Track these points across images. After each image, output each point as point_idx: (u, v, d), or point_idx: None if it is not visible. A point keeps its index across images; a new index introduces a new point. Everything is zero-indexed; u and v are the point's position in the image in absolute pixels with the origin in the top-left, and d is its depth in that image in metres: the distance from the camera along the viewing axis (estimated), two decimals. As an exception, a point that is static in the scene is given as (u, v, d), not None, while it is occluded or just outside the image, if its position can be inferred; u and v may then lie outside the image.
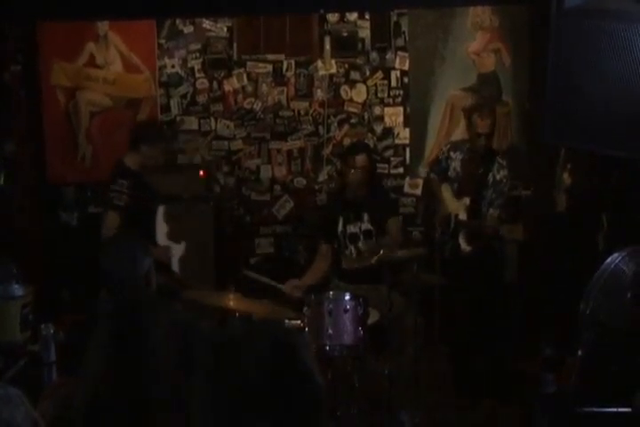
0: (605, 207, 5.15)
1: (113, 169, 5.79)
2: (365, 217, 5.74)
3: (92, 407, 2.01)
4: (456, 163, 5.90)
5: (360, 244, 5.73)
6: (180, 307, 2.31)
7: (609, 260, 2.82)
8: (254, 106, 7.06)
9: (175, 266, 5.88)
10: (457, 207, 5.76)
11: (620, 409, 2.53)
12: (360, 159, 5.68)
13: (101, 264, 3.62)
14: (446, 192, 5.89)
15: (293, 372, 1.60)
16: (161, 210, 6.00)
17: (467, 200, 5.74)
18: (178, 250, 5.99)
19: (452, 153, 5.94)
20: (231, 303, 4.64)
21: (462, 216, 5.73)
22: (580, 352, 2.75)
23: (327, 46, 7.00)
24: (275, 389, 1.57)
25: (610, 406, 2.56)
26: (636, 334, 2.60)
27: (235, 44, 7.01)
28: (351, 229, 5.75)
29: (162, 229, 5.97)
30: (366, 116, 7.06)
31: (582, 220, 5.56)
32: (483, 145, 5.74)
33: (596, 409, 2.58)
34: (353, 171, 5.67)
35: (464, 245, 5.67)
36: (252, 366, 1.57)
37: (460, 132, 6.66)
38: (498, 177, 5.77)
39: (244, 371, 1.57)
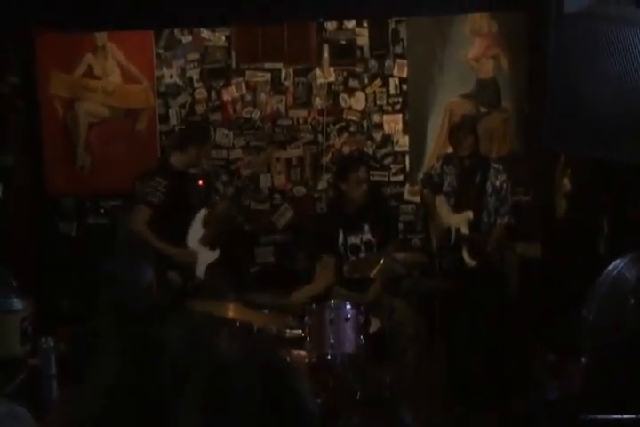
0: (606, 212, 5.13)
1: (156, 166, 5.91)
2: (366, 228, 5.68)
3: (107, 414, 1.98)
4: (451, 177, 5.84)
5: (362, 255, 5.68)
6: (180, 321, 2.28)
7: (611, 266, 2.80)
8: (253, 115, 7.05)
9: (201, 272, 5.80)
10: (458, 221, 5.69)
11: (626, 416, 2.50)
12: (362, 173, 5.62)
13: (103, 271, 3.60)
14: (442, 206, 5.82)
15: (285, 402, 1.58)
16: (202, 213, 5.90)
17: (469, 214, 5.66)
18: (210, 256, 5.87)
19: (445, 167, 5.89)
20: (231, 313, 4.61)
21: (464, 230, 5.66)
22: (583, 360, 2.72)
23: (325, 54, 7.00)
24: (266, 419, 1.55)
25: (615, 414, 2.53)
26: (640, 340, 2.57)
27: (233, 54, 7.02)
28: (352, 240, 5.69)
29: (196, 233, 5.84)
30: (365, 124, 7.05)
31: (583, 224, 5.53)
32: (469, 163, 5.71)
33: (600, 416, 2.55)
34: (355, 186, 5.61)
35: (468, 260, 5.61)
36: (242, 395, 1.56)
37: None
38: (497, 183, 5.70)
39: (235, 401, 1.55)
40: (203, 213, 5.90)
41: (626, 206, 4.88)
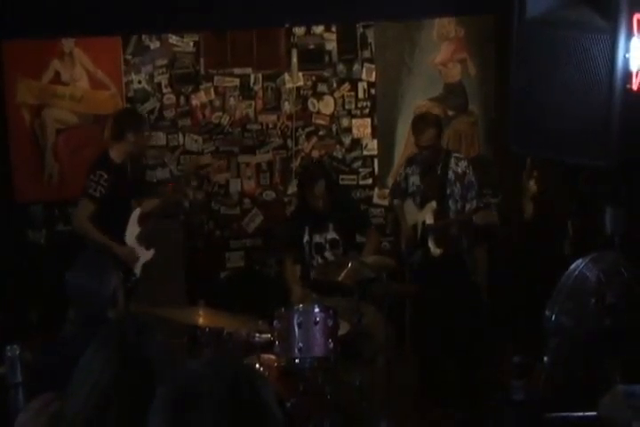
0: (571, 214, 5.19)
1: (96, 159, 5.65)
2: (330, 227, 5.73)
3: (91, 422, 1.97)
4: (414, 177, 5.86)
5: (326, 254, 5.72)
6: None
7: (573, 266, 2.84)
8: (222, 120, 7.06)
9: (138, 270, 5.62)
10: (423, 215, 5.74)
11: (587, 413, 2.54)
12: (319, 188, 5.66)
13: (67, 278, 3.59)
14: (409, 209, 5.87)
15: (254, 413, 1.60)
16: (137, 211, 5.73)
17: (433, 204, 5.70)
18: (145, 255, 5.68)
19: (407, 169, 5.92)
20: (201, 319, 4.62)
21: (429, 220, 5.69)
22: (545, 359, 2.76)
23: (294, 59, 7.02)
24: None
25: (576, 411, 2.56)
26: (600, 339, 2.62)
27: (202, 59, 7.02)
28: (317, 238, 5.75)
29: (133, 230, 5.67)
30: (334, 128, 7.08)
31: (549, 226, 5.59)
32: (429, 156, 5.71)
33: (562, 414, 2.59)
34: (314, 199, 5.68)
35: (434, 249, 5.64)
36: (211, 408, 1.57)
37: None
38: (459, 170, 5.67)
39: (203, 414, 1.57)
40: (138, 210, 5.74)
41: (589, 209, 4.94)
